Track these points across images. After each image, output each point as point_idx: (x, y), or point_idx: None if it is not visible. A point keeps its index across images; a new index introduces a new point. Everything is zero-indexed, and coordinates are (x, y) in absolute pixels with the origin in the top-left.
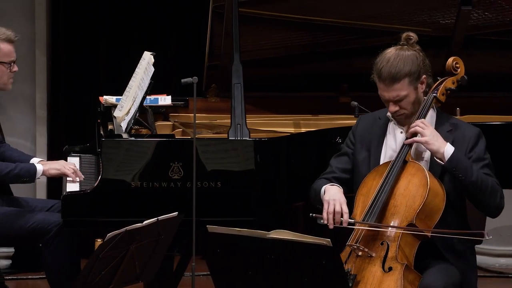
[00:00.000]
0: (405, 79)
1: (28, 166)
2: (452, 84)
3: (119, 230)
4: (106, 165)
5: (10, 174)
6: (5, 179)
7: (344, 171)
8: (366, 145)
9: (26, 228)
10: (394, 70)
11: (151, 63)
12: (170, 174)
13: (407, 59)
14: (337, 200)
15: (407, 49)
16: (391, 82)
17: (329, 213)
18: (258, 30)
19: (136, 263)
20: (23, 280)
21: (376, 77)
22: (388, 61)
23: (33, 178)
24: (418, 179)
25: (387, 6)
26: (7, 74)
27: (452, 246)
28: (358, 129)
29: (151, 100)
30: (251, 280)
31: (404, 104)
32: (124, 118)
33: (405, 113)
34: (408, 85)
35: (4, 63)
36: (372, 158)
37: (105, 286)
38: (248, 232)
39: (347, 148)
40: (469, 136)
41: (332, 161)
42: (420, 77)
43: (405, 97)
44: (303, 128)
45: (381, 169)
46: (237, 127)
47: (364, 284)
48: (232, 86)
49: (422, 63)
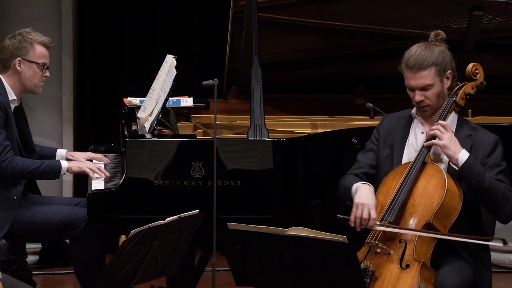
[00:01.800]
0: (432, 67)
1: (53, 163)
2: (471, 89)
3: (142, 227)
4: (130, 164)
5: (35, 171)
6: (31, 176)
7: (371, 167)
8: (389, 143)
9: (55, 222)
10: (422, 58)
11: (174, 66)
12: (192, 173)
13: (435, 50)
14: (365, 206)
15: (435, 44)
16: (418, 69)
17: (357, 217)
18: (277, 34)
19: (159, 258)
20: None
21: (403, 66)
22: (416, 51)
23: (58, 175)
24: (437, 180)
25: (401, 11)
26: (39, 77)
27: (468, 244)
28: (382, 127)
29: (174, 102)
30: (269, 275)
31: (429, 94)
32: (147, 119)
33: (430, 105)
34: (434, 75)
35: (37, 64)
36: (395, 155)
37: (129, 280)
38: (266, 229)
39: (372, 145)
40: (487, 142)
41: (360, 156)
42: (446, 71)
43: (431, 86)
44: (320, 129)
45: (401, 170)
46: (256, 128)
47: (381, 281)
48: (251, 88)
49: (449, 59)
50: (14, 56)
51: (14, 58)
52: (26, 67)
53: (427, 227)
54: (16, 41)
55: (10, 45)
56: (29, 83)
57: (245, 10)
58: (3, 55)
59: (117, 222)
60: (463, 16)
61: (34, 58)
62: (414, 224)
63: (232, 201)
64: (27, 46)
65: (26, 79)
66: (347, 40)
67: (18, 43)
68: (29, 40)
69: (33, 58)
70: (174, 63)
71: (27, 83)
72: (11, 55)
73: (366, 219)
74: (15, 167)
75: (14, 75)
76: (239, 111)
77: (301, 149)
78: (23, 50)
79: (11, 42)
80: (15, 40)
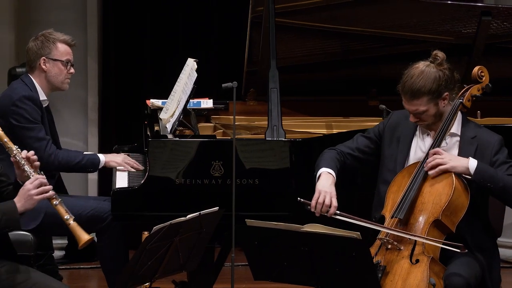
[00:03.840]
0: (424, 97)
1: (93, 157)
2: (477, 91)
3: (164, 223)
4: (153, 164)
5: (78, 165)
6: (74, 169)
7: (361, 152)
8: (395, 140)
9: (83, 216)
10: (415, 88)
11: (194, 69)
12: (212, 171)
13: (429, 78)
14: (328, 193)
15: (433, 67)
16: (411, 97)
17: (319, 203)
18: (293, 38)
19: (180, 254)
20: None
21: (400, 89)
22: (412, 77)
23: (97, 169)
24: (445, 178)
25: (414, 17)
26: (65, 74)
27: (480, 242)
28: (389, 123)
29: (194, 103)
30: (286, 270)
31: (424, 117)
32: (169, 120)
33: (426, 123)
34: (427, 102)
35: (62, 61)
36: (399, 155)
37: (152, 275)
38: (283, 225)
39: (372, 134)
40: (493, 142)
41: (357, 137)
42: (441, 94)
43: (425, 111)
44: (335, 130)
45: (410, 169)
46: (274, 129)
47: (393, 275)
48: (269, 91)
49: (445, 82)
50: (39, 56)
51: (39, 58)
52: (51, 66)
53: (436, 224)
54: (39, 41)
55: (34, 46)
56: (56, 81)
57: (263, 16)
58: (29, 56)
59: (140, 218)
60: (473, 21)
61: (57, 56)
62: (424, 221)
63: (250, 199)
64: (50, 45)
65: (52, 77)
66: (361, 44)
67: (41, 43)
68: (52, 39)
69: (56, 56)
70: (195, 67)
71: (54, 81)
72: (35, 56)
73: (328, 205)
74: (61, 161)
75: (41, 74)
76: (257, 113)
77: (316, 149)
78: (47, 49)
79: (35, 43)
80: (38, 41)
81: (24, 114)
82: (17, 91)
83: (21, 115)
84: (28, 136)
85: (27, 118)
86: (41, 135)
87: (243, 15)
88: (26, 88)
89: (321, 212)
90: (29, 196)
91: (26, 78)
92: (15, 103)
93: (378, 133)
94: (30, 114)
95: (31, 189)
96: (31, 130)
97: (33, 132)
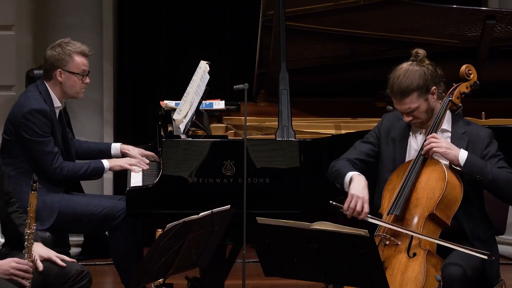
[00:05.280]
0: (414, 93)
1: (97, 166)
2: (466, 89)
3: (177, 221)
4: (166, 163)
5: (83, 175)
6: (79, 179)
7: (368, 155)
8: (390, 141)
9: (97, 214)
10: (403, 86)
11: (207, 72)
12: (223, 171)
13: (415, 75)
14: (360, 199)
15: (416, 65)
16: (402, 97)
17: (351, 208)
18: (303, 41)
19: (193, 251)
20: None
21: (389, 92)
22: (398, 77)
23: (101, 176)
24: (437, 174)
25: (420, 20)
26: (80, 84)
27: (478, 233)
28: (383, 126)
29: (207, 105)
30: (295, 266)
31: (417, 114)
32: (182, 120)
33: (420, 121)
34: (418, 98)
35: (77, 74)
36: (397, 155)
37: (165, 271)
38: (293, 223)
39: (372, 139)
40: (483, 136)
41: (358, 144)
42: (430, 89)
43: (416, 108)
44: (343, 130)
45: (404, 167)
46: (284, 129)
47: (391, 270)
48: (279, 92)
49: (431, 77)
50: (55, 67)
51: (55, 69)
52: (66, 78)
53: (431, 218)
54: (56, 53)
55: (51, 57)
56: (71, 91)
57: (274, 19)
58: (45, 65)
59: (154, 216)
60: (477, 25)
61: (73, 69)
62: (419, 216)
63: (261, 197)
64: (66, 58)
65: (68, 88)
66: (368, 47)
67: (58, 55)
68: (68, 52)
69: (72, 69)
70: (207, 69)
71: (69, 91)
72: (52, 66)
73: (359, 211)
74: (66, 174)
75: (57, 84)
76: (267, 114)
77: (325, 149)
78: (63, 62)
79: (51, 54)
80: (55, 52)
81: (33, 127)
82: (29, 103)
83: (31, 128)
84: (36, 149)
85: (36, 131)
86: (48, 149)
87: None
88: (39, 98)
89: (352, 216)
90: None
91: (41, 85)
92: (25, 115)
93: (376, 136)
94: (39, 128)
95: (13, 268)
96: (40, 144)
97: (41, 146)
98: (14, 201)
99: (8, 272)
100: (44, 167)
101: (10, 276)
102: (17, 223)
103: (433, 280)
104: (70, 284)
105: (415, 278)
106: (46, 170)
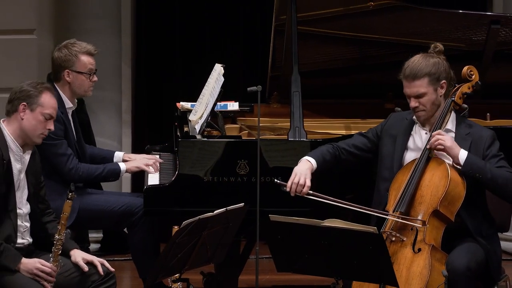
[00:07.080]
0: (425, 78)
1: (114, 168)
2: (468, 89)
3: (193, 218)
4: (182, 162)
5: (99, 176)
6: (96, 180)
7: (357, 148)
8: (391, 139)
9: (116, 210)
10: (416, 68)
11: (221, 74)
12: (238, 170)
13: (430, 61)
14: (303, 174)
15: (432, 56)
16: (413, 78)
17: (294, 183)
18: (315, 45)
19: (208, 247)
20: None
21: (402, 76)
22: (413, 61)
23: (118, 177)
24: (441, 172)
25: (427, 25)
26: (88, 83)
27: (481, 230)
28: (387, 124)
29: (221, 106)
30: (307, 262)
31: (424, 101)
32: (198, 121)
33: (425, 111)
34: (428, 84)
35: (84, 73)
36: (396, 153)
37: (181, 267)
38: (305, 220)
39: (370, 134)
40: (485, 137)
41: (356, 135)
42: (440, 80)
43: (424, 94)
44: (353, 131)
45: (409, 166)
46: (296, 130)
47: (397, 265)
48: (291, 94)
49: (444, 70)
50: (63, 68)
51: (63, 70)
52: (74, 77)
53: (435, 214)
54: (62, 54)
55: (58, 59)
56: (79, 90)
57: (286, 24)
58: (54, 66)
59: (170, 214)
60: (482, 29)
61: (80, 68)
62: (424, 212)
63: (273, 196)
64: (73, 59)
65: (76, 87)
66: (377, 50)
67: (65, 56)
68: (74, 52)
69: (79, 68)
70: (222, 71)
71: (77, 90)
72: (59, 67)
73: (302, 185)
74: (81, 175)
75: (65, 85)
76: (280, 115)
77: None
78: (70, 63)
79: (58, 55)
80: (61, 54)
81: None
82: None
83: None
84: (50, 151)
85: (48, 135)
86: (61, 151)
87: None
88: None
89: (296, 192)
90: (31, 269)
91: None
92: None
93: (376, 133)
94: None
95: (37, 269)
96: (53, 146)
97: (54, 148)
98: (51, 212)
99: (32, 271)
100: (59, 169)
101: (33, 276)
102: (51, 233)
103: (438, 274)
104: (96, 285)
105: (420, 273)
106: (61, 172)
